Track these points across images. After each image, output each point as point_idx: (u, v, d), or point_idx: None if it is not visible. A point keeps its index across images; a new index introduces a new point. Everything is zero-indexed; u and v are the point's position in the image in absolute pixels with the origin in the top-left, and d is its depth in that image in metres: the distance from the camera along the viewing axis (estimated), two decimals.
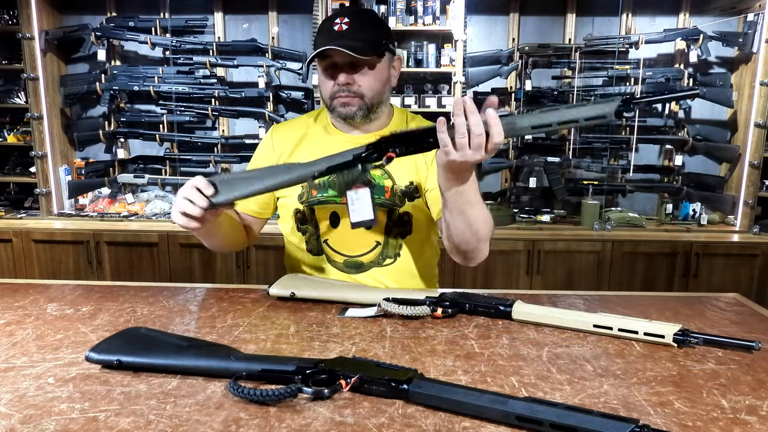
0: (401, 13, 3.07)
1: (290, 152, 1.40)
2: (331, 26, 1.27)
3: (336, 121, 1.38)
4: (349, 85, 1.28)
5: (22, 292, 1.27)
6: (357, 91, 1.28)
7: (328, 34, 1.26)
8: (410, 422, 0.72)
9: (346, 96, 1.28)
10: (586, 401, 0.78)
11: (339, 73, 1.27)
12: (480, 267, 2.95)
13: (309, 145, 1.40)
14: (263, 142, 1.46)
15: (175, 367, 0.86)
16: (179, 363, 0.86)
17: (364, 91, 1.29)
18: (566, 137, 3.29)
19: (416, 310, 1.08)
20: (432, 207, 1.35)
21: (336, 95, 1.29)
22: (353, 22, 1.26)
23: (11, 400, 0.78)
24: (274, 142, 1.42)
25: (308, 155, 1.37)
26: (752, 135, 3.04)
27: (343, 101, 1.29)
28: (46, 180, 3.24)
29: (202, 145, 3.34)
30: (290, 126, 1.46)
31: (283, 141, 1.42)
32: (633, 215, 3.16)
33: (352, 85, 1.28)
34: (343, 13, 1.29)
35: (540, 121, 0.91)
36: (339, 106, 1.30)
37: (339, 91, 1.28)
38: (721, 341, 0.98)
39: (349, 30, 1.25)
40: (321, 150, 1.37)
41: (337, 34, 1.25)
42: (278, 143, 1.42)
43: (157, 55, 3.35)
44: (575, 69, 3.17)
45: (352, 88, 1.28)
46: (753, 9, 3.02)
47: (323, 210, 1.37)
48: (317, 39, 1.30)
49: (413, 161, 1.36)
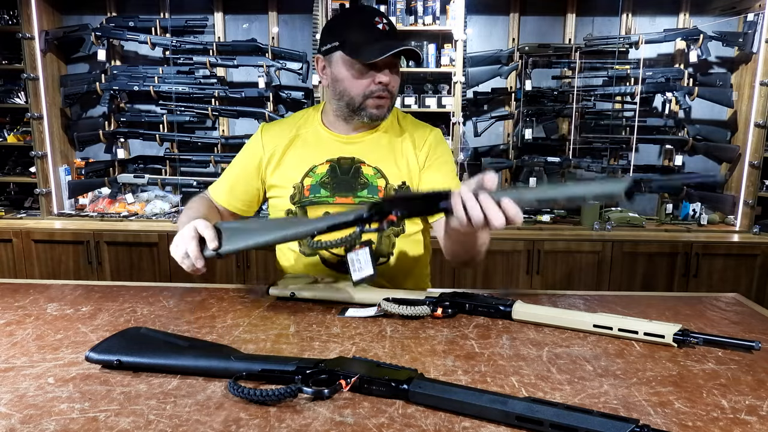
0: (401, 13, 3.07)
1: (282, 152, 1.39)
2: (373, 24, 1.25)
3: (330, 121, 1.37)
4: (388, 85, 1.28)
5: (22, 292, 1.27)
6: (392, 90, 1.30)
7: (373, 32, 1.25)
8: (410, 422, 0.72)
9: (384, 96, 1.28)
10: (586, 401, 0.78)
11: (380, 72, 1.26)
12: (480, 267, 2.97)
13: (302, 146, 1.39)
14: (252, 141, 1.43)
15: (175, 367, 0.86)
16: (179, 363, 0.86)
17: (395, 91, 1.31)
18: (566, 137, 3.29)
19: (416, 310, 1.08)
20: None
21: (374, 94, 1.28)
22: (390, 25, 1.28)
23: (11, 400, 0.78)
24: (264, 141, 1.41)
25: (301, 157, 1.37)
26: (752, 135, 3.04)
27: (379, 103, 1.29)
28: (46, 180, 3.24)
29: (202, 145, 3.34)
30: (280, 126, 1.44)
31: (273, 140, 1.40)
32: (633, 215, 3.17)
33: (390, 85, 1.28)
34: (378, 13, 1.29)
35: (546, 195, 0.91)
36: (373, 107, 1.29)
37: (379, 90, 1.27)
38: (721, 341, 0.98)
39: (392, 30, 1.26)
40: (315, 153, 1.37)
41: (383, 33, 1.25)
42: (268, 142, 1.40)
43: (157, 55, 3.35)
44: (575, 69, 3.17)
45: (390, 87, 1.28)
46: (753, 9, 3.02)
47: (315, 210, 1.36)
48: (355, 33, 1.26)
49: (405, 160, 1.36)
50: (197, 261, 1.11)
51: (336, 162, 1.36)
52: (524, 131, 3.23)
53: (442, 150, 1.40)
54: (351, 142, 1.37)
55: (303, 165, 1.37)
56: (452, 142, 3.09)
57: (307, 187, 1.36)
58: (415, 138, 1.39)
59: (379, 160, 1.36)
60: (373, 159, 1.36)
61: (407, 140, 1.38)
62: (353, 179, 1.35)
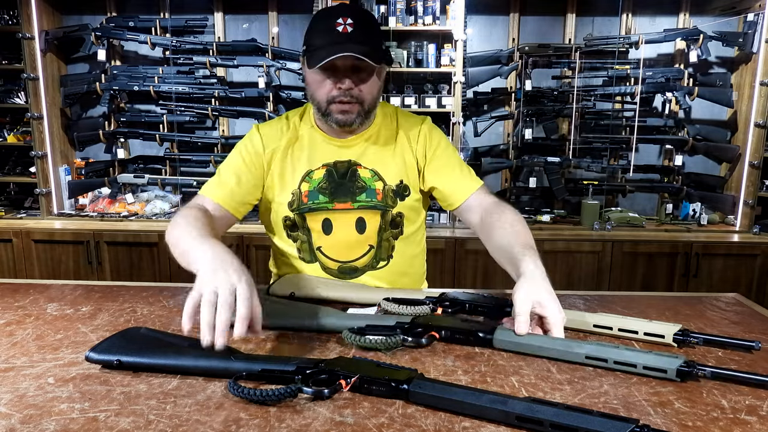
0: (401, 13, 3.07)
1: (283, 151, 1.33)
2: (334, 26, 1.18)
3: (323, 124, 1.32)
4: (351, 90, 1.21)
5: (22, 292, 1.27)
6: (358, 96, 1.23)
7: (331, 36, 1.18)
8: (410, 422, 0.72)
9: (348, 102, 1.22)
10: (586, 401, 0.78)
11: (342, 77, 1.20)
12: (480, 267, 2.97)
13: (299, 149, 1.34)
14: (249, 142, 1.35)
15: (176, 367, 0.86)
16: (179, 363, 0.86)
17: (364, 97, 1.24)
18: (566, 137, 3.29)
19: (416, 310, 1.07)
20: (448, 198, 1.35)
21: (336, 99, 1.22)
22: (357, 24, 1.18)
23: (11, 400, 0.78)
24: (265, 140, 1.34)
25: (299, 161, 1.34)
26: (752, 135, 3.04)
27: (343, 108, 1.23)
28: (46, 180, 3.24)
29: (202, 145, 3.34)
30: (276, 125, 1.37)
31: (273, 139, 1.34)
32: (633, 215, 3.16)
33: (354, 90, 1.22)
34: (344, 12, 1.20)
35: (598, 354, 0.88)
36: (337, 112, 1.23)
37: (340, 95, 1.21)
38: (721, 341, 0.98)
39: (355, 33, 1.18)
40: (310, 157, 1.33)
41: (343, 36, 1.17)
42: (269, 141, 1.34)
43: (157, 55, 3.35)
44: (575, 69, 3.17)
45: (353, 93, 1.22)
46: (753, 9, 3.02)
47: (315, 217, 1.33)
48: (317, 38, 1.21)
49: (402, 158, 1.35)
50: (220, 337, 0.83)
51: (332, 166, 1.33)
52: (524, 131, 3.23)
53: (437, 138, 1.37)
54: (345, 146, 1.34)
55: (300, 169, 1.33)
56: (452, 142, 3.09)
57: (305, 193, 1.32)
58: (409, 133, 1.36)
59: (375, 161, 1.34)
60: (368, 161, 1.34)
61: (402, 137, 1.36)
62: (351, 183, 1.33)
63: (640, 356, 0.86)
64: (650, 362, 0.85)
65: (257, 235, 2.89)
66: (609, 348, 0.89)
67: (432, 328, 0.99)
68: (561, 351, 0.91)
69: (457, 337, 0.98)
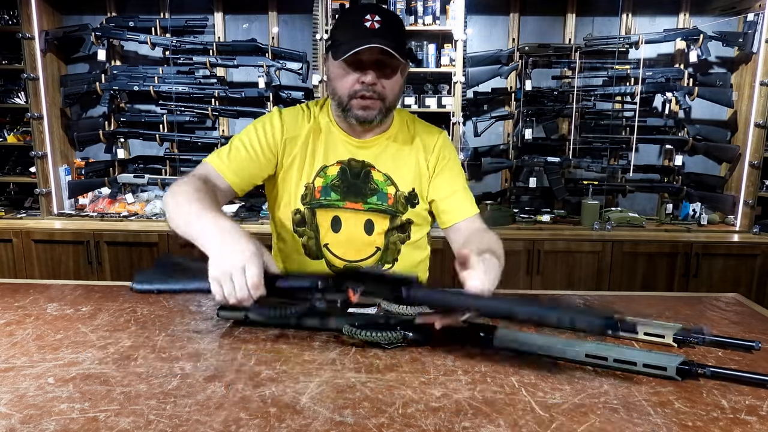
0: (401, 13, 3.07)
1: (304, 140, 1.32)
2: (362, 21, 1.19)
3: (342, 121, 1.32)
4: (374, 86, 1.21)
5: (22, 292, 1.27)
6: (381, 93, 1.22)
7: (358, 30, 1.18)
8: (410, 422, 0.73)
9: (369, 97, 1.22)
10: (586, 401, 0.78)
11: (366, 71, 1.20)
12: None
13: (316, 140, 1.34)
14: (269, 123, 1.32)
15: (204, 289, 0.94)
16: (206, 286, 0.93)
17: (386, 94, 1.23)
18: (566, 137, 3.29)
19: (417, 310, 1.07)
20: (442, 215, 1.35)
21: (358, 94, 1.22)
22: (384, 22, 1.19)
23: (11, 400, 0.78)
24: (285, 124, 1.32)
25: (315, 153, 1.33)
26: (752, 135, 3.04)
27: (364, 104, 1.23)
28: (46, 180, 3.24)
29: (202, 145, 3.34)
30: (298, 112, 1.36)
31: (294, 126, 1.33)
32: (633, 215, 3.16)
33: (377, 86, 1.21)
34: (372, 10, 1.21)
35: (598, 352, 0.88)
36: (358, 108, 1.23)
37: (363, 89, 1.21)
38: (721, 341, 0.98)
39: (382, 29, 1.18)
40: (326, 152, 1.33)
41: (370, 31, 1.18)
42: (290, 127, 1.33)
43: (157, 55, 3.35)
44: (575, 69, 3.16)
45: (376, 88, 1.21)
46: (753, 9, 3.02)
47: (325, 213, 1.34)
48: (343, 32, 1.21)
49: (416, 167, 1.35)
50: (256, 290, 0.92)
51: (347, 164, 1.33)
52: (524, 131, 3.23)
53: (449, 153, 1.39)
54: (362, 147, 1.34)
55: (316, 163, 1.33)
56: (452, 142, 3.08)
57: (318, 188, 1.33)
58: (426, 143, 1.37)
59: (389, 166, 1.34)
60: (383, 165, 1.34)
61: (418, 146, 1.36)
62: (363, 184, 1.33)
63: (640, 354, 0.86)
64: (650, 360, 0.85)
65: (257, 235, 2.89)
66: (609, 346, 0.89)
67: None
68: (561, 349, 0.91)
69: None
